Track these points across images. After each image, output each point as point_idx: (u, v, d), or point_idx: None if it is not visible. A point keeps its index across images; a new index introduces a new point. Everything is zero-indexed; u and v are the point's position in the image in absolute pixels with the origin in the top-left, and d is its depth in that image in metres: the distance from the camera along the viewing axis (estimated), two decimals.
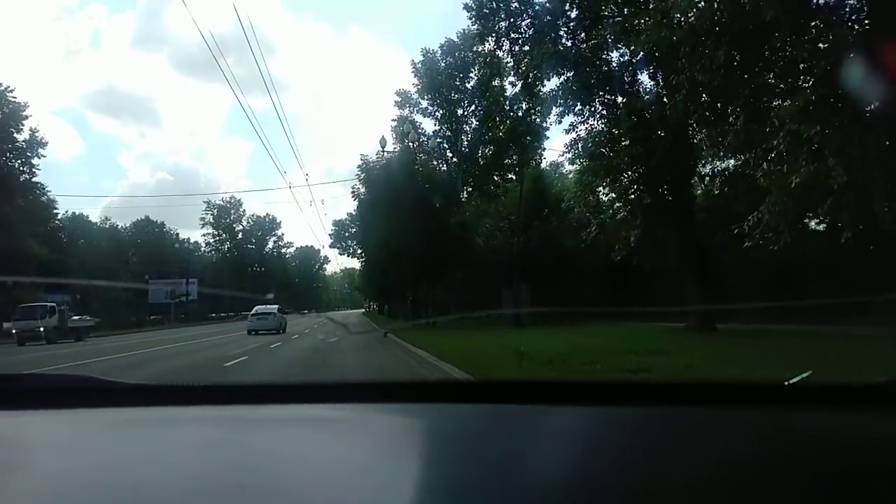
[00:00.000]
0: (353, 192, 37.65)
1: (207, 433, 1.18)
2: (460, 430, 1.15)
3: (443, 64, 33.96)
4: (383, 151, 31.21)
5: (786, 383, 1.20)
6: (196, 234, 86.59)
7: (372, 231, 33.29)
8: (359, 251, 50.91)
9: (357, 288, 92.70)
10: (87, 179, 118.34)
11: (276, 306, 29.11)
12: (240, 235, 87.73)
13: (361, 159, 34.33)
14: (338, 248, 57.53)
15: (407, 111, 35.06)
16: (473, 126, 34.35)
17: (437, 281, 31.00)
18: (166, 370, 12.86)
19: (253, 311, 28.16)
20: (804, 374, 1.60)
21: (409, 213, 26.92)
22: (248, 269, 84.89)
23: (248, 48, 62.12)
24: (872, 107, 10.07)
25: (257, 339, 22.15)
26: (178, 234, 79.39)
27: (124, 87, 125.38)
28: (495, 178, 33.72)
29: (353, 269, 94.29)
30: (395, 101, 35.53)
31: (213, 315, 72.67)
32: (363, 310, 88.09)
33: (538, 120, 31.62)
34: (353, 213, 47.92)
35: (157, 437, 1.16)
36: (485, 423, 1.17)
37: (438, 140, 35.13)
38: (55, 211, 56.70)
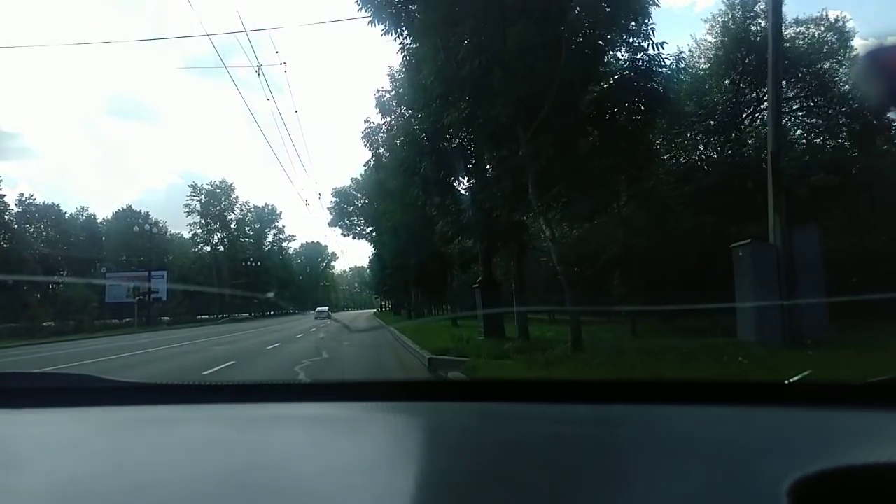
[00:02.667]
0: None
1: (208, 432, 1.18)
2: (459, 428, 1.16)
3: None
4: None
5: (786, 381, 1.21)
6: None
7: (409, 102, 15.27)
8: (369, 229, 38.76)
9: (367, 284, 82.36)
10: (100, 184, 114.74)
11: (326, 307, 55.93)
12: (233, 226, 75.99)
13: None
14: (339, 226, 45.32)
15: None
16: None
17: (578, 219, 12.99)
18: None
19: (316, 309, 51.07)
20: (804, 373, 1.69)
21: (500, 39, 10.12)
22: (243, 265, 73.70)
23: (259, 47, 57.15)
24: None
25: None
26: (163, 226, 68.55)
27: (134, 91, 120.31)
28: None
29: (362, 267, 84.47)
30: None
31: (207, 316, 62.58)
32: (374, 310, 77.99)
33: None
34: (362, 174, 35.44)
35: (158, 435, 1.15)
36: (483, 422, 1.18)
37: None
38: None
